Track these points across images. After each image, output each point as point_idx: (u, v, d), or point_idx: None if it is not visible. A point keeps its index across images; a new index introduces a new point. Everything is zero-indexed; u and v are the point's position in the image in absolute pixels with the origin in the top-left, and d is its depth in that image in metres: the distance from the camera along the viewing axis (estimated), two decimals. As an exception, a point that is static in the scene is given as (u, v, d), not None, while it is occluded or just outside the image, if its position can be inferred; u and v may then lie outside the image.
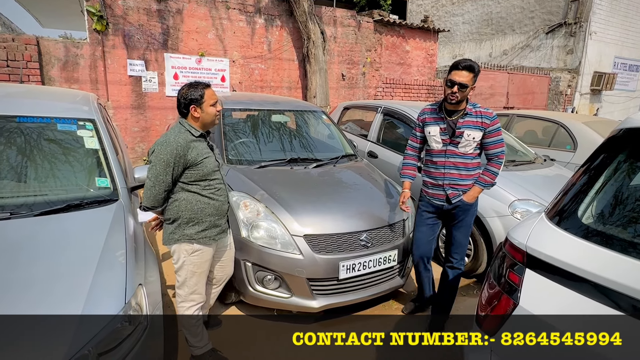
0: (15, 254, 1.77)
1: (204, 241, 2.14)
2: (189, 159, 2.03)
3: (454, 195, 2.61)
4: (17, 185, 2.22)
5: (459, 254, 2.78)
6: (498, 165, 2.54)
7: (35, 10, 7.65)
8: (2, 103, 2.62)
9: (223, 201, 2.21)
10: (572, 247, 1.15)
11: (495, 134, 2.52)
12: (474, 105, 2.54)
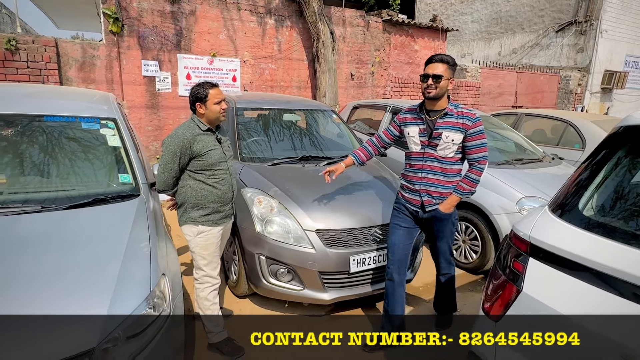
0: (47, 244, 1.89)
1: (208, 223, 2.35)
2: (194, 150, 2.26)
3: (429, 203, 2.44)
4: (47, 181, 2.35)
5: (446, 261, 2.69)
6: (479, 172, 2.35)
7: (51, 12, 7.85)
8: (30, 103, 2.75)
9: (226, 190, 2.40)
10: (573, 238, 1.23)
11: (477, 137, 2.31)
12: (456, 105, 2.38)
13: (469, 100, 9.50)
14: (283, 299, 2.92)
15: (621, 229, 1.17)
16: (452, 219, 2.53)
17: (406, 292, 3.39)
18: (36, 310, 1.53)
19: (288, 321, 2.95)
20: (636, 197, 1.26)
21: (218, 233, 2.41)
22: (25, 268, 1.70)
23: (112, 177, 2.54)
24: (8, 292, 1.56)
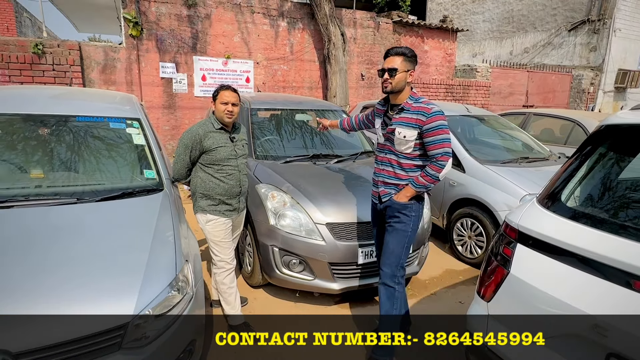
0: (84, 232, 2.10)
1: (215, 213, 2.57)
2: (204, 145, 2.50)
3: (385, 193, 2.41)
4: (79, 175, 2.56)
5: (390, 266, 2.38)
6: (437, 168, 2.21)
7: (73, 16, 8.17)
8: (63, 104, 2.98)
9: (233, 185, 2.58)
10: (556, 226, 1.37)
11: (434, 132, 2.19)
12: (416, 99, 2.28)
13: (479, 100, 9.55)
14: (295, 289, 3.09)
15: (599, 218, 1.32)
16: (409, 217, 2.35)
17: (412, 283, 3.57)
18: (77, 288, 1.73)
19: (298, 309, 3.12)
20: (614, 189, 1.40)
21: (225, 223, 2.61)
22: (66, 252, 1.90)
23: (138, 173, 2.75)
24: (53, 272, 1.77)
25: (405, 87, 2.27)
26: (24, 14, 15.89)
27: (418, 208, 2.38)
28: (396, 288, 2.38)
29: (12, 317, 1.54)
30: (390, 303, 2.39)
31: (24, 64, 5.34)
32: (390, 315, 2.39)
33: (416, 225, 2.41)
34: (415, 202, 2.36)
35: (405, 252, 2.41)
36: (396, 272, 2.38)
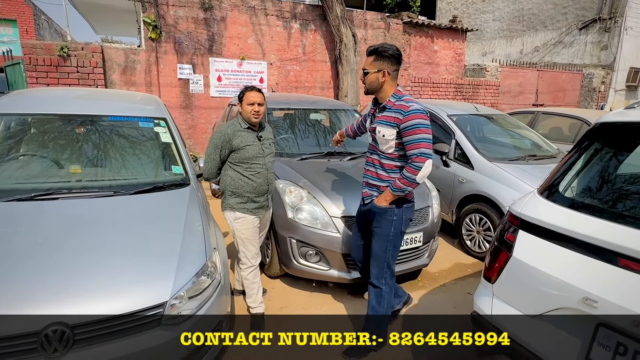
0: (123, 221, 2.30)
1: (243, 211, 2.70)
2: (233, 144, 2.63)
3: (367, 194, 2.41)
4: (113, 170, 2.77)
5: (376, 268, 2.42)
6: (413, 170, 2.12)
7: (92, 19, 8.46)
8: (96, 105, 3.20)
9: (261, 183, 2.71)
10: (554, 212, 1.53)
11: (411, 132, 2.10)
12: (399, 97, 2.21)
13: (489, 99, 9.64)
14: (311, 279, 3.27)
15: (592, 205, 1.47)
16: (389, 220, 2.32)
17: (422, 275, 3.72)
18: (122, 269, 1.93)
19: (314, 298, 3.30)
20: (606, 181, 1.54)
21: (253, 221, 2.75)
22: (109, 238, 2.11)
23: (167, 169, 2.96)
24: (100, 256, 1.97)
25: (383, 86, 2.21)
26: (41, 17, 16.36)
27: (400, 212, 2.31)
28: (383, 288, 2.40)
29: (69, 293, 1.74)
30: (377, 302, 2.42)
31: (50, 66, 5.60)
32: (376, 314, 2.43)
33: (398, 228, 2.34)
34: (397, 206, 2.29)
35: (391, 254, 2.39)
36: (382, 273, 2.39)
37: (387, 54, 2.17)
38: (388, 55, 2.18)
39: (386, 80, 2.19)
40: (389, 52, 2.18)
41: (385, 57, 2.18)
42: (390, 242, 2.37)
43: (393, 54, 2.18)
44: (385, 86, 2.22)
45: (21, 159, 2.69)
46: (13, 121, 2.86)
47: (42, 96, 3.37)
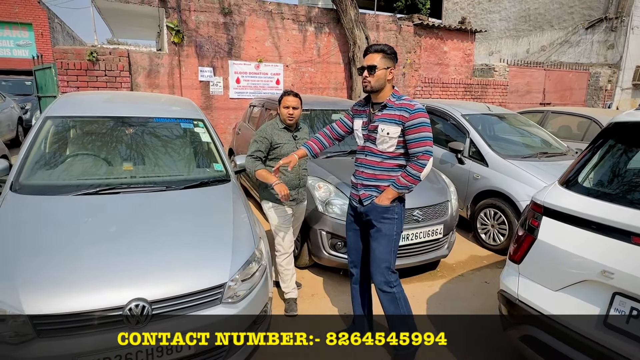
0: (178, 213, 2.55)
1: (277, 201, 2.94)
2: (273, 141, 2.92)
3: (366, 196, 2.34)
4: (161, 168, 3.02)
5: (381, 274, 2.33)
6: (418, 167, 2.14)
7: (112, 23, 8.74)
8: (140, 108, 3.45)
9: (293, 178, 2.96)
10: (574, 200, 1.76)
11: (417, 129, 2.13)
12: (399, 97, 2.22)
13: (497, 98, 9.84)
14: (339, 267, 3.51)
15: (607, 193, 1.70)
16: (392, 219, 2.30)
17: (441, 266, 3.95)
18: (185, 254, 2.17)
19: (341, 287, 3.54)
20: (619, 172, 1.78)
21: (285, 210, 3.00)
22: (169, 228, 2.35)
23: (208, 166, 3.21)
24: (164, 242, 2.21)
25: (386, 85, 2.22)
26: (55, 20, 16.71)
27: (400, 210, 2.31)
28: (394, 291, 2.33)
29: (147, 274, 1.99)
30: (393, 306, 2.34)
31: (80, 70, 5.88)
32: (397, 315, 2.35)
33: (399, 227, 2.33)
34: (398, 204, 2.29)
35: (394, 256, 2.33)
36: (388, 277, 2.32)
37: (392, 52, 2.21)
38: (394, 54, 2.22)
39: (389, 79, 2.22)
40: (394, 52, 2.23)
41: (391, 55, 2.21)
42: (394, 243, 2.32)
43: (395, 55, 2.25)
44: (387, 85, 2.23)
45: (79, 157, 2.94)
46: (69, 123, 3.12)
47: (90, 100, 3.64)
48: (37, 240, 2.10)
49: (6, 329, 1.72)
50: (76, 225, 2.24)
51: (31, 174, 2.66)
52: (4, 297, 1.75)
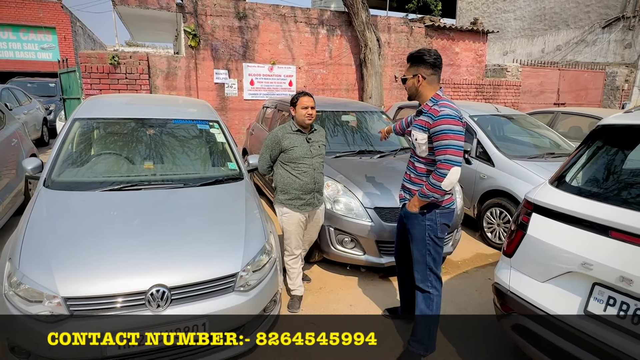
0: (196, 208, 2.74)
1: (290, 207, 3.01)
2: (282, 145, 2.96)
3: (402, 197, 2.47)
4: (179, 166, 3.22)
5: (419, 273, 2.40)
6: (438, 177, 2.10)
7: (132, 27, 9.07)
8: (160, 110, 3.67)
9: (307, 181, 2.97)
10: (561, 198, 1.88)
11: (438, 137, 2.09)
12: (436, 101, 2.20)
13: (510, 99, 9.83)
14: (347, 262, 3.67)
15: (592, 191, 1.82)
16: (422, 225, 2.30)
17: (446, 263, 4.07)
18: (202, 245, 2.36)
19: (348, 281, 3.69)
20: (603, 172, 1.89)
21: (298, 218, 2.99)
22: (187, 221, 2.55)
23: (223, 165, 3.41)
24: (183, 234, 2.41)
25: (419, 90, 2.25)
26: (77, 24, 17.28)
27: (433, 217, 2.28)
28: (431, 292, 2.38)
29: (167, 262, 2.19)
30: (425, 304, 2.40)
31: (102, 73, 6.18)
32: (424, 315, 2.41)
33: (433, 233, 2.30)
34: (431, 211, 2.28)
35: (431, 259, 2.34)
36: (427, 276, 2.37)
37: (421, 59, 2.22)
38: (423, 60, 2.21)
39: (421, 84, 2.22)
40: (424, 58, 2.21)
41: (420, 62, 2.22)
42: (429, 246, 2.32)
43: (427, 59, 2.20)
44: (422, 90, 2.25)
45: (104, 156, 3.17)
46: (95, 124, 3.36)
47: (114, 102, 3.88)
48: (69, 230, 2.32)
49: (43, 309, 1.94)
50: (103, 218, 2.46)
51: (61, 171, 2.90)
52: (41, 281, 1.97)
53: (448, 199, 2.32)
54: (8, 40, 15.17)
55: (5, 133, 4.47)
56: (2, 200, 3.90)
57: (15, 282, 1.99)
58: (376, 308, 3.21)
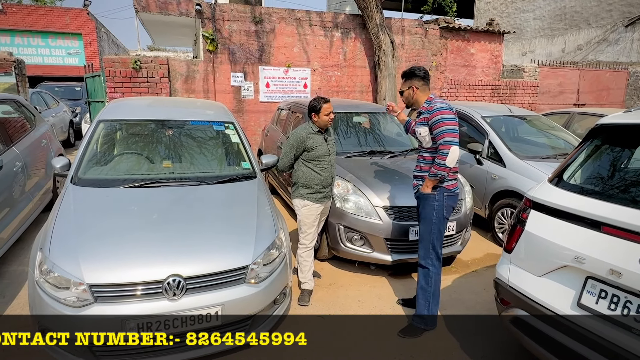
0: (211, 204, 2.90)
1: (310, 199, 3.19)
2: (306, 145, 3.15)
3: (415, 185, 2.90)
4: (196, 165, 3.39)
5: (422, 249, 2.81)
6: (441, 156, 2.57)
7: (153, 32, 9.39)
8: (179, 112, 3.86)
9: (327, 177, 3.21)
10: (557, 195, 1.94)
11: (436, 125, 2.58)
12: (429, 102, 2.73)
13: (527, 99, 9.73)
14: (356, 260, 3.76)
15: (587, 189, 1.87)
16: (432, 205, 2.71)
17: (456, 262, 4.12)
18: (215, 239, 2.51)
19: (357, 278, 3.79)
20: (597, 170, 1.94)
21: (317, 209, 3.21)
22: (202, 216, 2.70)
23: (237, 164, 3.56)
24: (198, 228, 2.56)
25: (414, 98, 2.78)
26: (101, 29, 17.91)
27: (440, 198, 2.71)
28: (430, 268, 2.77)
29: (182, 254, 2.34)
30: (425, 280, 2.80)
31: (125, 77, 6.46)
32: (423, 289, 2.80)
33: (440, 212, 2.72)
34: (439, 192, 2.71)
35: (435, 237, 2.75)
36: (428, 254, 2.78)
37: (413, 74, 2.77)
38: (415, 74, 2.77)
39: (416, 93, 2.78)
40: (415, 73, 2.77)
41: (413, 76, 2.77)
42: (434, 225, 2.73)
43: (418, 73, 2.77)
44: (417, 97, 2.79)
45: (126, 155, 3.37)
46: (118, 125, 3.56)
47: (136, 105, 4.10)
48: (94, 224, 2.50)
49: (70, 295, 2.11)
50: (125, 212, 2.63)
51: (87, 169, 3.10)
52: (69, 269, 2.14)
53: (453, 184, 2.78)
54: (38, 47, 15.86)
55: (36, 134, 4.75)
56: (32, 197, 4.15)
57: (46, 270, 2.17)
58: (384, 304, 3.29)
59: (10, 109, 4.57)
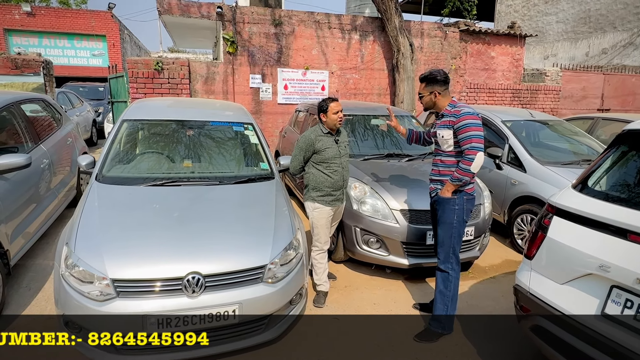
0: (229, 203, 2.94)
1: (321, 202, 3.17)
2: (316, 147, 3.13)
3: (432, 189, 2.87)
4: (215, 165, 3.44)
5: (442, 253, 2.80)
6: (467, 162, 2.55)
7: (175, 34, 9.58)
8: (199, 113, 3.93)
9: (337, 179, 3.16)
10: (581, 201, 1.90)
11: (463, 130, 2.56)
12: (453, 105, 2.69)
13: (548, 104, 9.54)
14: (372, 262, 3.75)
15: (611, 195, 1.83)
16: (452, 209, 2.70)
17: (473, 267, 4.06)
18: (234, 238, 2.54)
19: (373, 281, 3.78)
20: (624, 176, 1.89)
21: (328, 212, 3.18)
22: (222, 215, 2.74)
23: (256, 165, 3.60)
24: (218, 227, 2.60)
25: (436, 102, 2.74)
26: (125, 31, 18.35)
27: (461, 201, 2.70)
28: (449, 272, 2.77)
29: (202, 252, 2.38)
30: (444, 285, 2.79)
31: (147, 78, 6.60)
32: (442, 293, 2.79)
33: (460, 216, 2.72)
34: (459, 196, 2.70)
35: (455, 242, 2.75)
36: (448, 258, 2.77)
37: (435, 79, 2.73)
38: (436, 80, 2.72)
39: (438, 98, 2.74)
40: (437, 78, 2.73)
41: (434, 82, 2.72)
42: (455, 229, 2.73)
43: (439, 78, 2.72)
44: (439, 102, 2.75)
45: (148, 154, 3.44)
46: (141, 125, 3.64)
47: (158, 105, 4.19)
48: (117, 220, 2.57)
49: (94, 289, 2.17)
50: (147, 210, 2.69)
51: (111, 167, 3.18)
52: (93, 264, 2.20)
53: (471, 187, 2.78)
54: (64, 48, 16.36)
55: (62, 133, 4.90)
56: (58, 194, 4.28)
57: (71, 264, 2.24)
58: (399, 308, 3.28)
59: (39, 108, 4.73)
